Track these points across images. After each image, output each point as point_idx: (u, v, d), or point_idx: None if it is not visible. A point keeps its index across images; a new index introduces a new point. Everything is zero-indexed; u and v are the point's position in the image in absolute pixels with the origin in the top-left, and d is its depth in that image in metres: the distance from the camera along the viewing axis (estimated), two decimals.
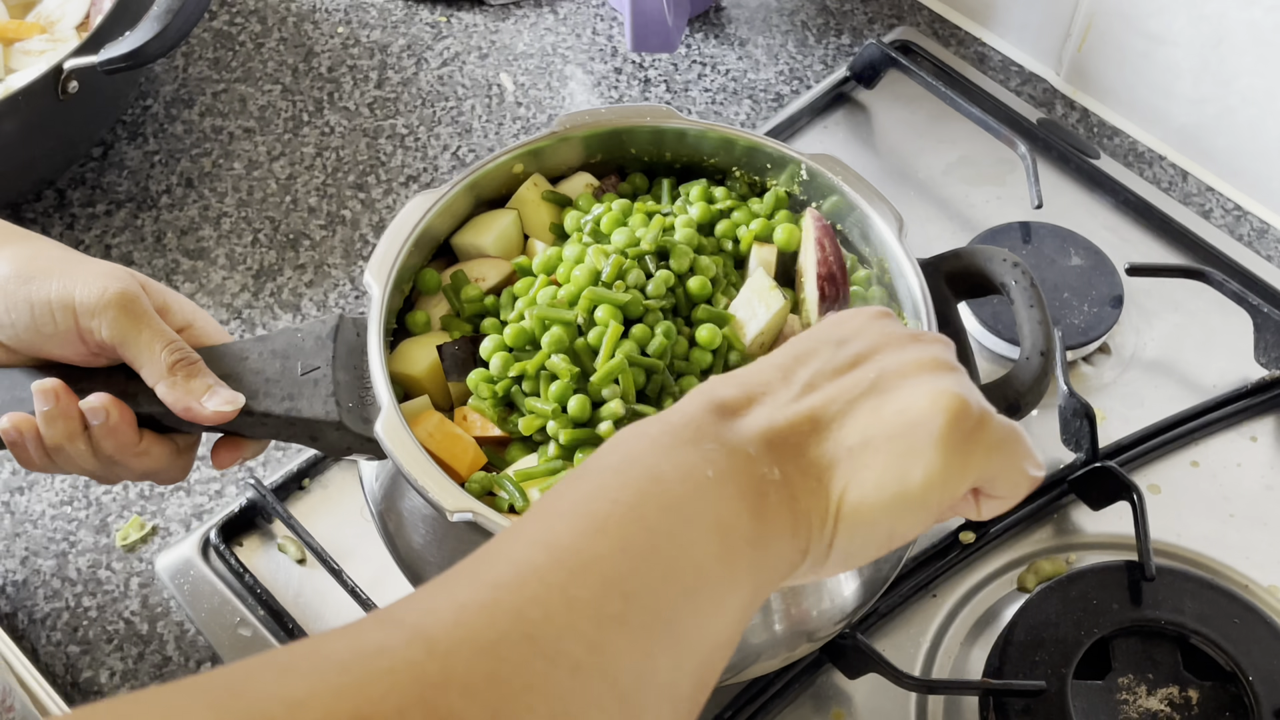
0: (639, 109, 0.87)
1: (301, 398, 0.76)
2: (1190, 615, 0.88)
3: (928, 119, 1.19)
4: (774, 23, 1.28)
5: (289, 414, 0.75)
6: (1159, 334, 1.06)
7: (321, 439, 0.76)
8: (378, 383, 0.75)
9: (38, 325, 0.75)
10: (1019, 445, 0.59)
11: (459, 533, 0.74)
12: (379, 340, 0.76)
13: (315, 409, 0.75)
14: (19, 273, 0.75)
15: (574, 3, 1.30)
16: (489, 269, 0.85)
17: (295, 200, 1.15)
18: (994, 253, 0.80)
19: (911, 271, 0.79)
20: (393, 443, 0.72)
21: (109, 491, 0.99)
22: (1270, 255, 1.11)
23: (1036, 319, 0.77)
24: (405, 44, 1.26)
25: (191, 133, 1.19)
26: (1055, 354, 0.77)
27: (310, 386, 0.76)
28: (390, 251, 0.81)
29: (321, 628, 0.92)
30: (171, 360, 0.75)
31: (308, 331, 0.78)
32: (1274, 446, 1.00)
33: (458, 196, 0.85)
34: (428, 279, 0.84)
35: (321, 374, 0.76)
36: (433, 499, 0.70)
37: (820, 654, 0.89)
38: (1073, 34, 1.19)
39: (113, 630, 0.93)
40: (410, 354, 0.81)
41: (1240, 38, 1.07)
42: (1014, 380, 0.76)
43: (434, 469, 0.71)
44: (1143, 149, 1.18)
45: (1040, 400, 0.77)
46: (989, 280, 0.80)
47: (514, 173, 0.88)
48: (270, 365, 0.77)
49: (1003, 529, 0.95)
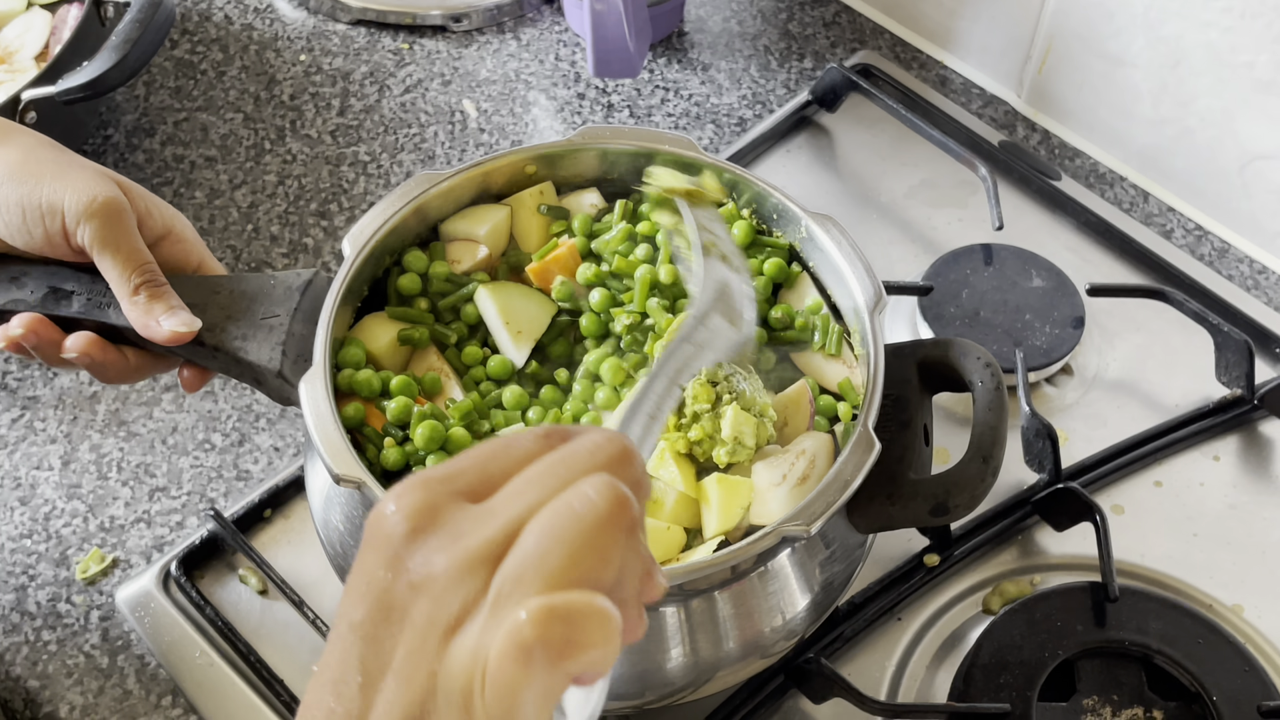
0: (660, 134, 0.88)
1: (253, 340, 0.78)
2: (1154, 635, 0.88)
3: (889, 142, 1.20)
4: (736, 47, 1.28)
5: (237, 353, 0.78)
6: (1121, 354, 1.07)
7: (265, 384, 0.79)
8: (319, 339, 0.76)
9: (29, 227, 0.78)
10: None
11: None
12: (335, 298, 0.78)
13: (262, 354, 0.77)
14: (12, 174, 0.78)
15: (537, 29, 1.30)
16: (465, 253, 0.86)
17: (257, 229, 1.14)
18: (970, 349, 0.80)
19: (873, 353, 0.78)
20: (309, 399, 0.74)
21: (69, 524, 0.98)
22: (1231, 275, 1.12)
23: (991, 424, 0.76)
24: (368, 71, 1.26)
25: (153, 162, 1.19)
26: (998, 463, 0.77)
27: (265, 332, 0.78)
28: (376, 220, 0.82)
29: (284, 659, 0.91)
30: (139, 281, 0.78)
31: (280, 280, 0.80)
32: (1237, 466, 1.00)
33: (462, 182, 0.86)
34: (413, 258, 0.85)
35: (279, 322, 0.78)
36: (327, 462, 0.71)
37: (785, 679, 0.89)
38: (1033, 56, 1.19)
39: (73, 664, 0.92)
40: (371, 328, 0.82)
41: (1198, 59, 1.08)
42: (949, 480, 0.76)
43: (339, 435, 0.72)
44: (1104, 170, 1.19)
45: (974, 506, 0.76)
46: (959, 374, 0.80)
47: (526, 173, 0.88)
48: (236, 304, 0.79)
49: (967, 551, 0.95)
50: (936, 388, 0.82)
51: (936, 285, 1.05)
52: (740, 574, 0.74)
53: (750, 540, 0.70)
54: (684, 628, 0.73)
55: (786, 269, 0.86)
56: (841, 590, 0.80)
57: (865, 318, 0.80)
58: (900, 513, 0.76)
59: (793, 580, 0.76)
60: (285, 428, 1.03)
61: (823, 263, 0.85)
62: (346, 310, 0.81)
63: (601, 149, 0.88)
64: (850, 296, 0.82)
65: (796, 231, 0.86)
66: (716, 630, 0.74)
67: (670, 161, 0.86)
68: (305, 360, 0.78)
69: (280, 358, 0.77)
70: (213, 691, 0.90)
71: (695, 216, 0.80)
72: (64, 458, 1.02)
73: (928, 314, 1.04)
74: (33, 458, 1.02)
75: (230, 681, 0.90)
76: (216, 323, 0.79)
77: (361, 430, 0.77)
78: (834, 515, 0.72)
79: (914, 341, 0.82)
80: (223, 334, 0.78)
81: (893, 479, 0.77)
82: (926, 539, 0.96)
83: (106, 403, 1.04)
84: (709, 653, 0.75)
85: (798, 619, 0.77)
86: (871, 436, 0.74)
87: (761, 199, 0.86)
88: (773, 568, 0.75)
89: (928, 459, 0.81)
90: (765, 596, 0.75)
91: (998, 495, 0.98)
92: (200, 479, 1.01)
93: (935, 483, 0.76)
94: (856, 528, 0.78)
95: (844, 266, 0.82)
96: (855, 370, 0.83)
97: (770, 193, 0.86)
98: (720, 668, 0.76)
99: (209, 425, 1.03)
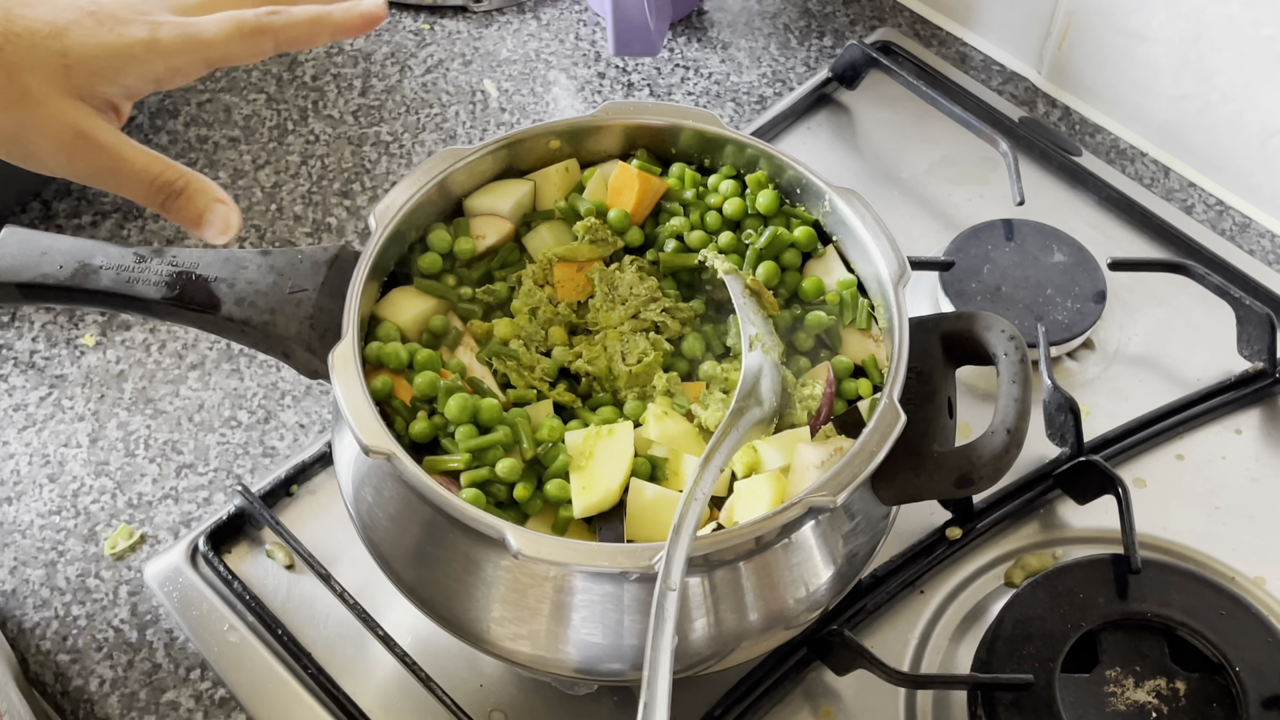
0: (682, 110, 0.88)
1: (281, 314, 0.79)
2: (1177, 607, 0.88)
3: (910, 119, 1.20)
4: (756, 25, 1.28)
5: (265, 327, 0.79)
6: (1142, 329, 1.07)
7: (293, 357, 0.80)
8: (348, 313, 0.77)
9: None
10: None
11: (422, 517, 0.76)
12: (364, 271, 0.79)
13: (290, 328, 0.78)
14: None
15: (557, 8, 1.30)
16: (490, 228, 0.87)
17: (281, 208, 1.15)
18: (994, 321, 0.80)
19: (897, 325, 0.78)
20: (339, 372, 0.74)
21: (97, 500, 0.99)
22: (1253, 250, 1.12)
23: (1015, 395, 0.76)
24: (389, 51, 1.27)
25: (176, 143, 1.20)
26: (1023, 435, 0.76)
27: (293, 306, 0.79)
28: (402, 195, 0.83)
29: (311, 633, 0.92)
30: (159, 199, 0.74)
31: (308, 255, 0.81)
32: (1259, 439, 1.01)
33: (486, 159, 0.86)
34: (437, 237, 0.85)
35: (307, 296, 0.79)
36: (356, 433, 0.72)
37: (808, 651, 0.89)
38: (1053, 32, 1.19)
39: (102, 639, 0.93)
40: (399, 301, 0.83)
41: (1219, 33, 1.08)
42: (973, 452, 0.76)
43: (368, 407, 0.73)
44: (1124, 146, 1.19)
45: (998, 478, 0.76)
46: (983, 347, 0.80)
47: (550, 148, 0.88)
48: (264, 278, 0.80)
49: (989, 525, 0.96)
50: (960, 361, 0.83)
51: (958, 260, 1.06)
52: (764, 545, 0.74)
53: (776, 510, 0.70)
54: (708, 599, 0.74)
55: (815, 239, 0.86)
56: (865, 562, 0.81)
57: (890, 290, 0.80)
58: (925, 484, 0.77)
59: (816, 552, 0.77)
60: (311, 405, 1.04)
61: (846, 236, 0.85)
62: (373, 284, 0.81)
63: (624, 125, 0.88)
64: (874, 269, 0.82)
65: (820, 206, 0.86)
66: (740, 601, 0.75)
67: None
68: (333, 334, 0.78)
69: (309, 331, 0.78)
70: (240, 664, 0.91)
71: (743, 307, 0.83)
72: (92, 435, 1.02)
73: (949, 289, 1.05)
74: (61, 435, 1.02)
75: (258, 654, 0.91)
76: (245, 297, 0.79)
77: (389, 402, 0.77)
78: (860, 486, 0.72)
79: (937, 315, 0.83)
80: (252, 308, 0.79)
81: (917, 451, 0.77)
82: (949, 513, 0.96)
83: (134, 380, 1.05)
84: (733, 624, 0.75)
85: (821, 590, 0.78)
86: (897, 408, 0.74)
87: (783, 172, 0.87)
88: (797, 539, 0.75)
89: (952, 431, 0.81)
90: (789, 568, 0.76)
91: (1020, 469, 0.98)
92: (227, 456, 1.01)
93: (959, 454, 0.76)
94: (881, 499, 0.78)
95: (868, 239, 0.82)
96: (880, 347, 0.83)
97: (793, 165, 0.86)
98: (744, 639, 0.76)
99: (235, 402, 1.04)
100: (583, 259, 0.86)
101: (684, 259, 0.86)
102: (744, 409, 0.77)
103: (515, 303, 0.84)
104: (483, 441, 0.75)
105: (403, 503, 0.76)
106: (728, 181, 0.88)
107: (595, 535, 0.76)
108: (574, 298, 0.85)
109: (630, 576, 0.71)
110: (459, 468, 0.75)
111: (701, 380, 0.83)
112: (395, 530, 0.77)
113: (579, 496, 0.75)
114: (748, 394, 0.77)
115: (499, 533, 0.69)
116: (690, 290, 0.87)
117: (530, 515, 0.76)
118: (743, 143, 0.87)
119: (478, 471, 0.74)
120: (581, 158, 0.90)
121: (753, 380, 0.78)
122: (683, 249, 0.87)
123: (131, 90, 0.73)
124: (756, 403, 0.77)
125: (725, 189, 0.88)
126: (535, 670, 0.78)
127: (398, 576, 0.79)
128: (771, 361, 0.80)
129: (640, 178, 0.87)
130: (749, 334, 0.80)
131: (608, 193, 0.88)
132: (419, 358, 0.79)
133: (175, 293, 0.79)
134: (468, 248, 0.85)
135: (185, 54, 0.72)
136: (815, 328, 0.84)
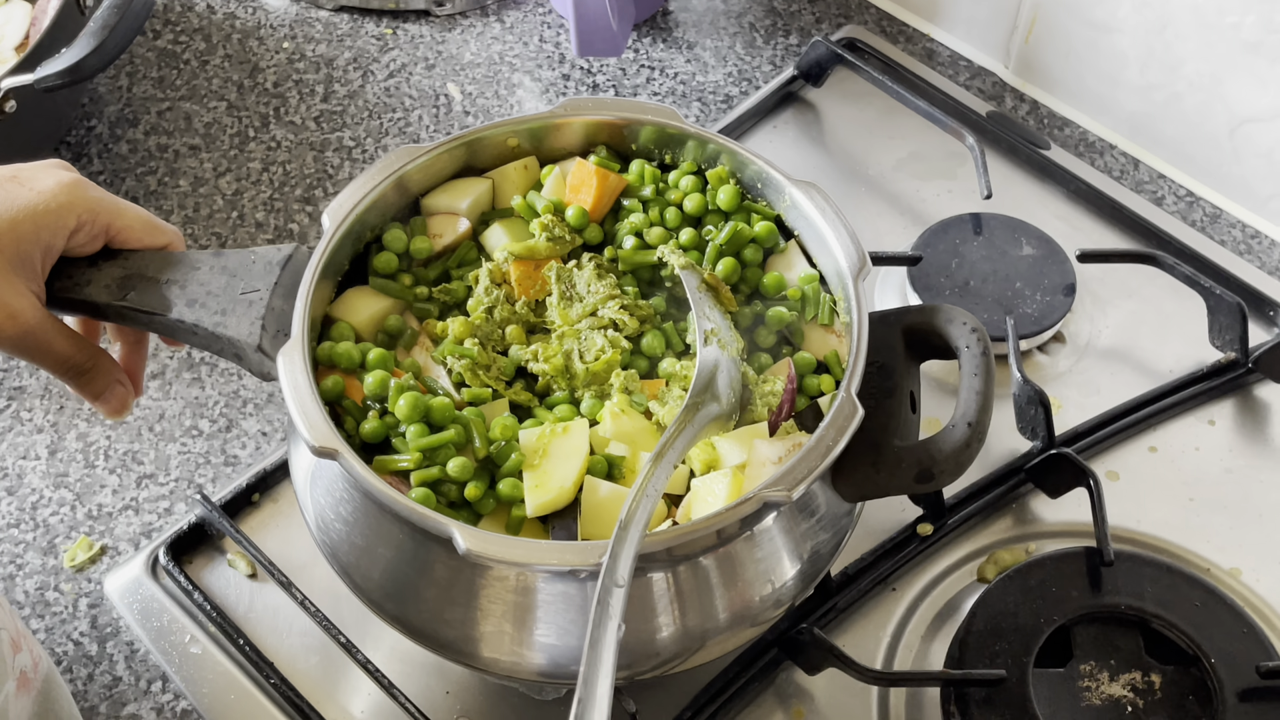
0: (642, 105, 0.87)
1: (232, 315, 0.78)
2: (1151, 600, 0.87)
3: (877, 115, 1.19)
4: (721, 25, 1.27)
5: (216, 329, 0.77)
6: (1113, 321, 1.06)
7: (245, 359, 0.78)
8: (297, 312, 0.76)
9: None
10: None
11: (372, 518, 0.74)
12: (315, 270, 0.78)
13: (241, 329, 0.77)
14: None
15: (520, 11, 1.29)
16: (447, 226, 0.85)
17: (242, 215, 1.14)
18: (956, 314, 0.79)
19: (856, 319, 0.77)
20: (286, 371, 0.73)
21: (56, 512, 0.97)
22: (1224, 240, 1.11)
23: (976, 388, 0.75)
24: (351, 57, 1.26)
25: (136, 151, 1.18)
26: (985, 428, 0.75)
27: (244, 306, 0.78)
28: (356, 193, 0.81)
29: (273, 643, 0.91)
30: (67, 379, 0.80)
31: (261, 256, 0.80)
32: (1232, 429, 1.00)
33: (443, 156, 0.85)
34: (393, 236, 0.84)
35: (259, 296, 0.78)
36: (302, 432, 0.71)
37: (779, 651, 0.88)
38: (1019, 26, 1.18)
39: (61, 652, 0.92)
40: (353, 301, 0.82)
41: (1184, 22, 1.07)
42: (934, 447, 0.74)
43: (316, 406, 0.72)
44: (1093, 138, 1.18)
45: (960, 472, 0.75)
46: (945, 341, 0.78)
47: (509, 146, 0.87)
48: (216, 280, 0.79)
49: (961, 520, 0.95)
50: (924, 355, 0.81)
51: (926, 255, 1.05)
52: (726, 539, 0.73)
53: (730, 506, 0.69)
54: (671, 593, 0.73)
55: (776, 234, 0.85)
56: (830, 559, 0.79)
57: (849, 283, 0.79)
58: (885, 480, 0.75)
59: (780, 547, 0.75)
60: (273, 412, 1.03)
61: (807, 230, 0.84)
62: (327, 284, 0.80)
63: (584, 120, 0.87)
64: (834, 262, 0.81)
65: (781, 201, 0.85)
66: (704, 598, 0.74)
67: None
68: (285, 334, 0.77)
69: (260, 332, 0.77)
70: (202, 676, 0.89)
71: (699, 302, 0.82)
72: (51, 447, 1.01)
73: (918, 284, 1.04)
74: (19, 447, 1.01)
75: (220, 666, 0.90)
76: (196, 299, 0.78)
77: (341, 403, 0.76)
78: (817, 481, 0.71)
79: (900, 309, 0.81)
80: (202, 310, 0.78)
81: (877, 446, 0.76)
82: (920, 509, 0.95)
83: None
84: (697, 620, 0.74)
85: (786, 587, 0.76)
86: (855, 402, 0.73)
87: (745, 168, 0.86)
88: (759, 534, 0.74)
89: (915, 426, 0.80)
90: (753, 563, 0.75)
91: (991, 463, 0.97)
92: (188, 465, 1.00)
93: (920, 449, 0.75)
94: (842, 495, 0.77)
95: (827, 232, 0.81)
96: (843, 342, 0.82)
97: (754, 160, 0.85)
98: (709, 636, 0.75)
99: (196, 411, 1.03)
100: (540, 257, 0.84)
101: (643, 256, 0.85)
102: (699, 405, 0.75)
103: (471, 302, 0.83)
104: (433, 440, 0.73)
105: (353, 505, 0.75)
106: (688, 177, 0.87)
107: (549, 534, 0.74)
108: (532, 296, 0.84)
109: (580, 574, 0.70)
110: (409, 467, 0.73)
111: (661, 378, 0.82)
112: (348, 533, 0.76)
113: (532, 495, 0.73)
114: (703, 390, 0.76)
115: (446, 531, 0.67)
116: (651, 288, 0.86)
117: (483, 515, 0.74)
118: (704, 138, 0.86)
119: (428, 471, 0.73)
120: (541, 155, 0.89)
121: (708, 376, 0.77)
122: (642, 246, 0.86)
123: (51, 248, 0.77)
124: (713, 399, 0.76)
125: (686, 185, 0.87)
126: (498, 675, 0.76)
127: (354, 581, 0.77)
128: (729, 357, 0.79)
129: (599, 174, 0.86)
130: (704, 329, 0.79)
131: (567, 190, 0.87)
132: (371, 357, 0.77)
133: (124, 295, 0.78)
134: (424, 247, 0.84)
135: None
136: (777, 323, 0.83)
